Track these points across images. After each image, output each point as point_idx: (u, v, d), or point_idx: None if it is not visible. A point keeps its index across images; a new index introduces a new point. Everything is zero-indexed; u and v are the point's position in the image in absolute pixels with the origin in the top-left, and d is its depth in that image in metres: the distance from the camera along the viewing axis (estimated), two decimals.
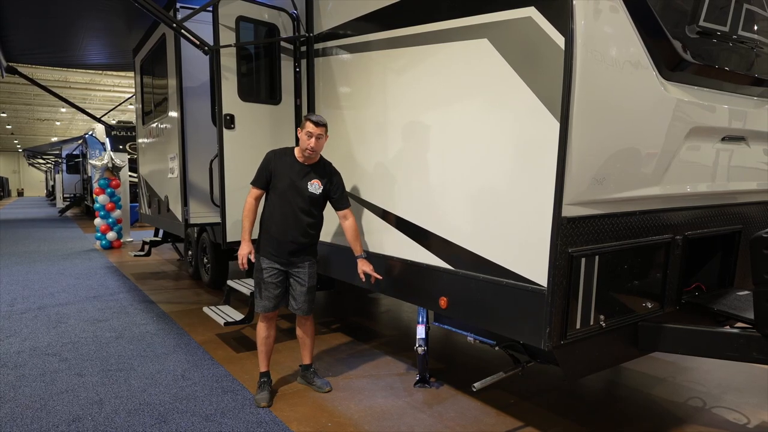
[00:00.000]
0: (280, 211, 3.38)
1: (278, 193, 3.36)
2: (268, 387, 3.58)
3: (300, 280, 3.53)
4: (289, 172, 3.35)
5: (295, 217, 3.38)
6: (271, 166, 3.36)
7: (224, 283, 7.06)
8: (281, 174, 3.34)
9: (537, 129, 2.41)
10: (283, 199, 3.35)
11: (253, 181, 3.40)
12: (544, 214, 2.39)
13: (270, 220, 3.40)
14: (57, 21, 6.56)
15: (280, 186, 3.34)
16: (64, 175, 24.63)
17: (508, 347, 3.09)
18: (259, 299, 3.51)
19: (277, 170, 3.34)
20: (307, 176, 3.38)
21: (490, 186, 2.69)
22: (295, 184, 3.34)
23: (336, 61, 3.99)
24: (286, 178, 3.34)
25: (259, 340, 3.62)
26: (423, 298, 3.30)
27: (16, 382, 3.86)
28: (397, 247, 3.41)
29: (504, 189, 2.61)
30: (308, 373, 3.81)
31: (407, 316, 5.84)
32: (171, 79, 5.21)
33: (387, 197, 3.49)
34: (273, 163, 3.36)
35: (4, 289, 7.20)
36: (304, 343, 3.79)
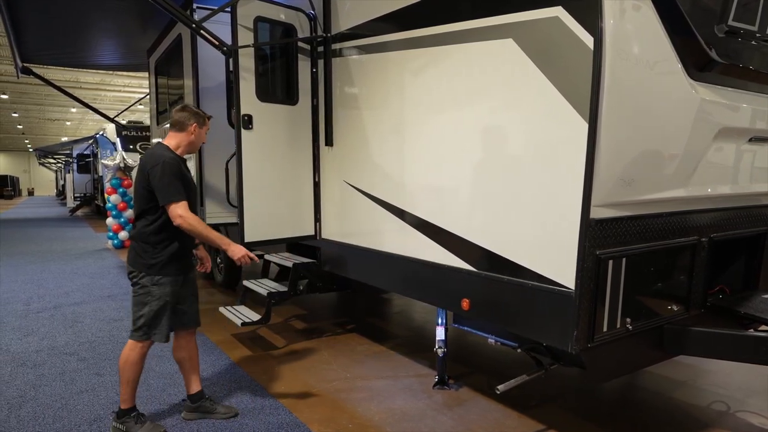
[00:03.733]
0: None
1: (188, 197, 2.96)
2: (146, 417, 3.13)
3: (193, 288, 3.24)
4: (188, 173, 3.06)
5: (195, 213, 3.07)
6: (181, 171, 2.95)
7: (237, 284, 7.12)
8: (187, 180, 3.01)
9: (564, 130, 2.39)
10: (190, 200, 3.00)
11: (179, 195, 2.85)
12: (572, 216, 2.36)
13: (177, 231, 2.92)
14: (71, 21, 6.59)
15: (190, 189, 3.02)
16: (74, 174, 24.79)
17: (530, 349, 3.06)
18: (164, 327, 2.99)
19: (183, 173, 2.98)
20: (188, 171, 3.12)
21: (516, 187, 2.66)
22: (192, 181, 3.11)
23: (354, 62, 3.98)
24: (189, 178, 3.06)
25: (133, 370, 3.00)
26: (444, 300, 3.28)
27: (36, 381, 3.88)
28: (417, 248, 3.39)
29: (530, 191, 2.58)
30: (205, 401, 3.31)
31: (420, 317, 5.82)
32: (187, 79, 5.22)
33: (407, 198, 3.48)
34: (181, 168, 2.97)
35: (20, 288, 7.25)
36: (192, 365, 3.28)
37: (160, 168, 2.84)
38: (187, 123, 3.06)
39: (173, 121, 3.10)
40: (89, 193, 23.50)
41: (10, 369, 4.15)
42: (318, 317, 5.75)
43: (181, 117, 3.08)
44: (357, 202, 4.00)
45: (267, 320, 4.50)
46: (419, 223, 3.35)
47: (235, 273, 6.99)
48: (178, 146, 3.06)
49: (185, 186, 2.93)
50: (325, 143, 4.31)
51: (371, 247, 3.89)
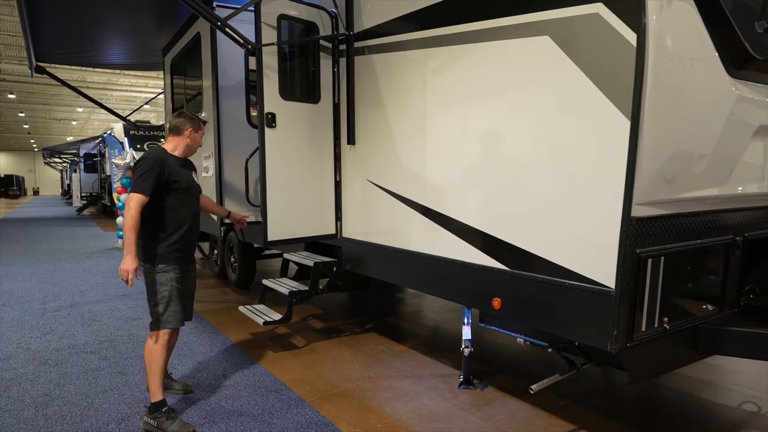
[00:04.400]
0: (186, 211, 3.22)
1: (180, 195, 3.16)
2: (176, 413, 3.18)
3: (192, 284, 3.42)
4: (181, 172, 3.22)
5: (196, 213, 3.37)
6: (165, 169, 3.08)
7: (251, 283, 7.11)
8: (177, 174, 3.16)
9: (605, 127, 2.37)
10: (186, 197, 3.21)
11: (142, 189, 2.98)
12: (613, 215, 2.34)
13: (176, 222, 3.15)
14: (88, 19, 6.58)
15: (182, 186, 3.16)
16: (81, 174, 24.84)
17: (561, 349, 3.04)
18: (177, 312, 3.16)
19: (170, 174, 3.11)
20: (189, 171, 3.35)
21: (553, 186, 2.64)
22: (191, 181, 3.29)
23: (378, 60, 3.96)
24: (183, 177, 3.20)
25: (160, 362, 3.14)
26: (473, 299, 3.26)
27: (60, 380, 3.88)
28: (444, 247, 3.38)
29: (568, 189, 2.56)
30: (166, 379, 3.51)
31: (437, 316, 5.80)
32: (206, 78, 5.21)
33: (434, 197, 3.46)
34: (163, 167, 3.08)
35: (34, 287, 7.26)
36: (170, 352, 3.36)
37: (141, 162, 3.08)
38: (183, 128, 3.30)
39: (171, 125, 3.32)
40: (96, 192, 23.55)
41: (33, 367, 4.15)
42: (335, 316, 5.74)
43: (177, 122, 3.31)
44: (381, 200, 3.99)
45: (288, 319, 4.49)
46: (448, 221, 3.33)
47: (250, 272, 6.99)
48: (175, 149, 3.29)
49: (170, 182, 3.11)
50: (348, 142, 4.30)
51: (395, 245, 3.88)
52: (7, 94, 26.16)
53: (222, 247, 7.55)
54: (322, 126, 4.38)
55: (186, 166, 3.34)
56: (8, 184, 46.39)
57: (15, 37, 17.21)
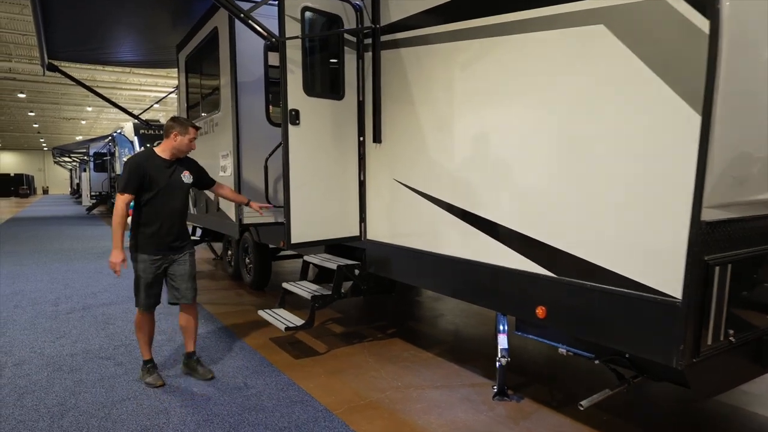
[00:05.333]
0: (163, 207, 3.60)
1: (159, 192, 3.56)
2: (156, 369, 3.84)
3: (182, 268, 3.75)
4: (159, 169, 3.59)
5: (177, 210, 3.69)
6: (142, 171, 3.50)
7: (266, 285, 6.95)
8: (156, 176, 3.55)
9: (672, 123, 2.17)
10: (165, 195, 3.59)
11: (122, 189, 3.49)
12: (680, 218, 2.15)
13: (152, 218, 3.60)
14: (101, 16, 6.45)
15: (160, 185, 3.56)
16: (91, 173, 24.83)
17: (610, 361, 2.85)
18: (146, 297, 3.67)
19: (148, 174, 3.52)
20: (178, 170, 3.70)
21: (609, 186, 2.45)
22: (173, 180, 3.64)
23: (406, 54, 3.77)
24: (162, 177, 3.57)
25: (141, 333, 3.78)
26: (513, 307, 3.07)
27: (75, 388, 3.72)
28: (482, 251, 3.19)
29: (628, 190, 2.37)
30: (191, 361, 3.96)
31: (461, 320, 5.61)
32: (223, 74, 5.04)
33: (471, 198, 3.27)
34: (143, 168, 3.52)
35: (46, 288, 7.14)
36: (188, 331, 3.94)
37: (125, 165, 3.58)
38: (170, 131, 3.65)
39: (164, 128, 3.71)
40: (105, 191, 23.51)
41: (47, 374, 4.00)
42: (355, 320, 5.57)
43: (167, 125, 3.69)
44: (410, 201, 3.81)
45: (311, 325, 4.32)
46: (486, 225, 3.14)
47: (265, 274, 6.83)
48: (163, 150, 3.67)
49: (146, 183, 3.51)
50: (373, 140, 4.12)
51: (425, 249, 3.69)
52: (18, 93, 26.19)
53: (236, 248, 7.39)
54: (346, 123, 4.20)
55: (178, 165, 3.70)
56: (18, 183, 46.62)
57: (25, 36, 17.17)
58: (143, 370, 3.83)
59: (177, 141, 3.63)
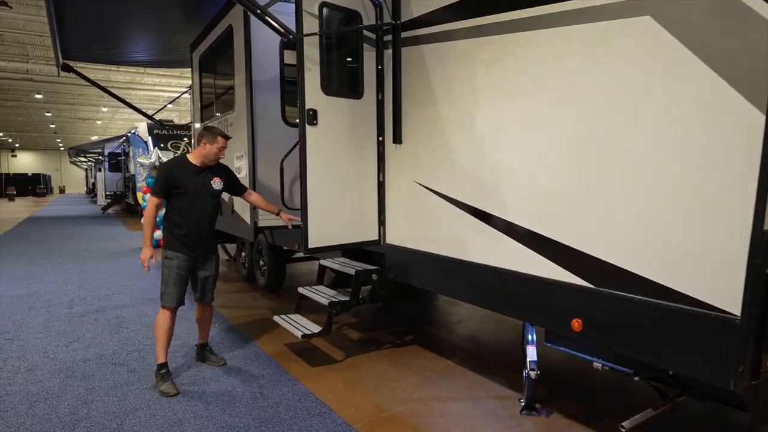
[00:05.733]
0: (192, 211, 3.76)
1: (188, 197, 3.74)
2: (170, 376, 3.81)
3: (208, 272, 3.98)
4: (190, 175, 3.76)
5: (206, 214, 3.85)
6: (172, 176, 3.70)
7: (281, 287, 6.82)
8: (186, 181, 3.72)
9: (730, 123, 1.98)
10: (194, 200, 3.76)
11: (154, 192, 3.74)
12: (740, 227, 1.96)
13: (182, 220, 3.75)
14: (114, 15, 6.37)
15: (189, 190, 3.73)
16: (106, 173, 24.99)
17: (651, 378, 2.66)
18: (172, 294, 3.78)
19: (178, 179, 3.70)
20: (208, 177, 3.85)
21: (658, 192, 2.26)
22: (202, 186, 3.80)
23: (429, 51, 3.61)
24: (191, 183, 3.74)
25: (162, 331, 3.82)
26: (546, 318, 2.89)
27: (88, 396, 3.61)
28: (512, 259, 3.01)
29: (678, 196, 2.18)
30: (204, 351, 4.23)
31: (479, 326, 5.44)
32: (238, 73, 4.92)
33: (500, 203, 3.09)
34: (173, 173, 3.72)
35: (61, 290, 7.09)
36: (203, 325, 4.20)
37: (158, 169, 4.04)
38: (201, 139, 3.80)
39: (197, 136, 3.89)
40: (120, 191, 23.64)
41: (59, 380, 3.90)
42: (372, 326, 5.42)
43: (199, 134, 3.84)
44: (432, 205, 3.64)
45: (328, 332, 4.17)
46: (517, 231, 2.97)
47: (280, 276, 6.70)
48: (195, 157, 3.83)
49: (176, 188, 3.70)
50: (393, 140, 3.96)
51: (449, 255, 3.53)
52: (35, 94, 26.44)
53: (250, 250, 7.28)
54: (365, 123, 4.05)
55: (209, 172, 3.85)
56: (36, 182, 47.25)
57: (42, 38, 17.26)
58: (157, 377, 3.76)
59: (206, 149, 3.77)
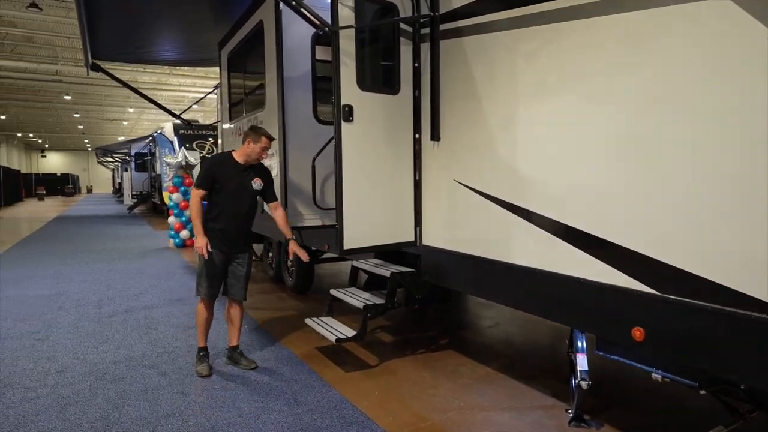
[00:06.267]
0: (230, 207, 3.85)
1: (228, 193, 3.84)
2: (207, 359, 4.07)
3: (240, 269, 4.02)
4: (233, 172, 3.86)
5: (244, 212, 3.94)
6: (214, 171, 3.85)
7: (309, 288, 6.72)
8: (227, 177, 3.83)
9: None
10: (233, 196, 3.85)
11: (197, 184, 3.87)
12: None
13: (221, 215, 3.85)
14: (142, 14, 6.34)
15: (230, 187, 3.83)
16: (132, 173, 25.32)
17: (719, 391, 2.45)
18: (208, 287, 3.92)
19: (221, 175, 3.82)
20: (249, 176, 3.91)
21: (734, 190, 2.06)
22: (242, 184, 3.87)
23: (470, 43, 3.44)
24: (233, 180, 3.84)
25: (200, 321, 4.04)
26: (601, 326, 2.70)
27: (119, 400, 3.54)
28: (563, 262, 2.83)
29: (756, 194, 1.98)
30: (235, 353, 4.18)
31: (516, 329, 5.24)
32: (269, 70, 4.81)
33: (550, 202, 2.91)
34: (215, 169, 3.86)
35: (89, 289, 7.10)
36: (234, 325, 4.16)
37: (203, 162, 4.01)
38: (245, 138, 3.88)
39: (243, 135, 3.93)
40: (146, 191, 23.93)
41: (90, 383, 3.84)
42: (403, 329, 5.27)
43: (245, 133, 3.91)
44: (473, 205, 3.47)
45: (362, 336, 4.04)
46: (570, 233, 2.78)
47: (308, 277, 6.60)
48: (239, 155, 3.92)
49: (217, 183, 3.82)
50: (431, 137, 3.80)
51: (491, 257, 3.36)
52: (64, 95, 26.96)
53: (278, 250, 7.19)
54: (401, 120, 3.90)
55: (251, 171, 3.92)
56: (64, 182, 48.29)
57: (71, 39, 17.54)
58: (196, 357, 4.11)
59: (249, 148, 3.84)
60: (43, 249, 11.31)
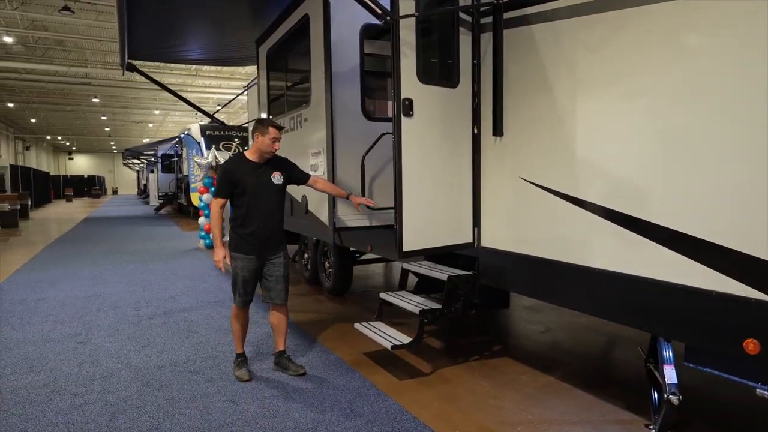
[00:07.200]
0: (255, 208, 3.69)
1: (249, 194, 3.67)
2: (246, 364, 3.97)
3: (276, 270, 3.85)
4: (249, 172, 3.68)
5: (269, 210, 3.75)
6: (230, 175, 3.67)
7: (347, 290, 6.55)
8: (245, 178, 3.66)
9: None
10: (256, 196, 3.68)
11: (216, 193, 3.73)
12: None
13: (246, 219, 3.71)
14: (180, 12, 6.24)
15: (249, 187, 3.66)
16: (159, 174, 25.54)
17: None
18: (241, 294, 3.82)
19: (237, 177, 3.65)
20: (267, 172, 3.74)
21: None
22: (262, 181, 3.70)
23: (541, 31, 3.22)
24: (250, 179, 3.67)
25: (235, 327, 3.96)
26: (702, 336, 2.45)
27: (168, 408, 3.39)
28: (655, 266, 2.59)
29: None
30: (283, 359, 4.02)
31: (571, 335, 4.99)
32: (315, 65, 4.65)
33: (638, 199, 2.68)
34: (231, 172, 3.69)
35: (125, 290, 7.04)
36: (279, 331, 4.01)
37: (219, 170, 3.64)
38: (254, 133, 3.71)
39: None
40: (172, 191, 24.10)
41: (137, 389, 3.71)
42: (451, 333, 5.06)
43: (252, 128, 3.83)
44: (543, 204, 3.25)
45: (418, 343, 3.84)
46: (663, 234, 2.54)
47: (347, 279, 6.42)
48: (251, 153, 3.77)
49: (235, 188, 3.66)
50: (493, 133, 3.58)
51: (565, 260, 3.13)
52: (92, 98, 27.38)
53: (314, 251, 7.03)
54: (460, 114, 3.70)
55: (267, 167, 3.75)
56: (91, 184, 49.17)
57: (100, 42, 17.74)
58: (234, 363, 4.01)
59: (259, 142, 3.67)
60: (76, 250, 11.37)
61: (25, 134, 39.89)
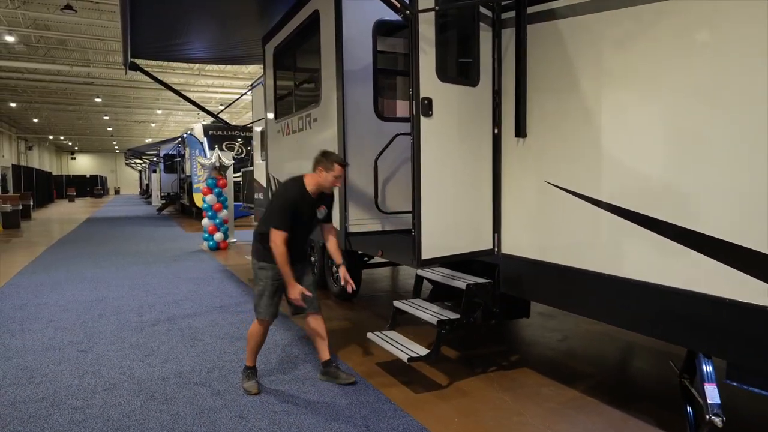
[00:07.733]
0: (298, 234, 3.62)
1: (298, 225, 3.59)
2: (255, 376, 3.81)
3: (307, 278, 3.81)
4: (306, 206, 3.62)
5: (307, 235, 3.80)
6: (294, 209, 3.53)
7: (355, 296, 6.36)
8: (302, 211, 3.60)
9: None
10: (303, 228, 3.68)
11: (283, 227, 3.46)
12: None
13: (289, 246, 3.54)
14: (184, 10, 6.07)
15: (303, 220, 3.62)
16: (161, 174, 25.41)
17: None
18: (268, 306, 3.68)
19: (297, 211, 3.56)
20: (315, 205, 3.69)
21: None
22: (313, 215, 3.70)
23: (567, 26, 3.03)
24: (306, 213, 3.64)
25: (255, 342, 3.80)
26: (750, 354, 2.27)
27: (174, 425, 3.21)
28: (697, 278, 2.40)
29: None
30: (331, 368, 3.89)
31: (591, 345, 4.79)
32: (326, 63, 4.47)
33: (679, 206, 2.49)
34: (296, 205, 3.55)
35: (128, 295, 6.87)
36: (319, 339, 3.89)
37: (278, 198, 3.64)
38: (317, 166, 3.59)
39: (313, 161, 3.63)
40: (174, 192, 23.97)
41: (140, 403, 3.53)
42: (466, 343, 4.86)
43: (315, 159, 3.61)
44: (571, 210, 3.07)
45: (436, 355, 3.65)
46: (712, 244, 2.35)
47: (355, 284, 6.22)
48: (310, 184, 3.62)
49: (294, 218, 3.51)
50: (516, 134, 3.40)
51: (598, 270, 2.93)
52: (94, 98, 27.26)
53: (321, 254, 6.85)
54: (480, 114, 3.51)
55: (319, 200, 3.67)
56: (93, 184, 49.11)
57: (103, 41, 17.59)
58: (243, 374, 3.85)
59: (322, 177, 3.58)
60: (79, 251, 11.21)
61: (27, 134, 39.82)
